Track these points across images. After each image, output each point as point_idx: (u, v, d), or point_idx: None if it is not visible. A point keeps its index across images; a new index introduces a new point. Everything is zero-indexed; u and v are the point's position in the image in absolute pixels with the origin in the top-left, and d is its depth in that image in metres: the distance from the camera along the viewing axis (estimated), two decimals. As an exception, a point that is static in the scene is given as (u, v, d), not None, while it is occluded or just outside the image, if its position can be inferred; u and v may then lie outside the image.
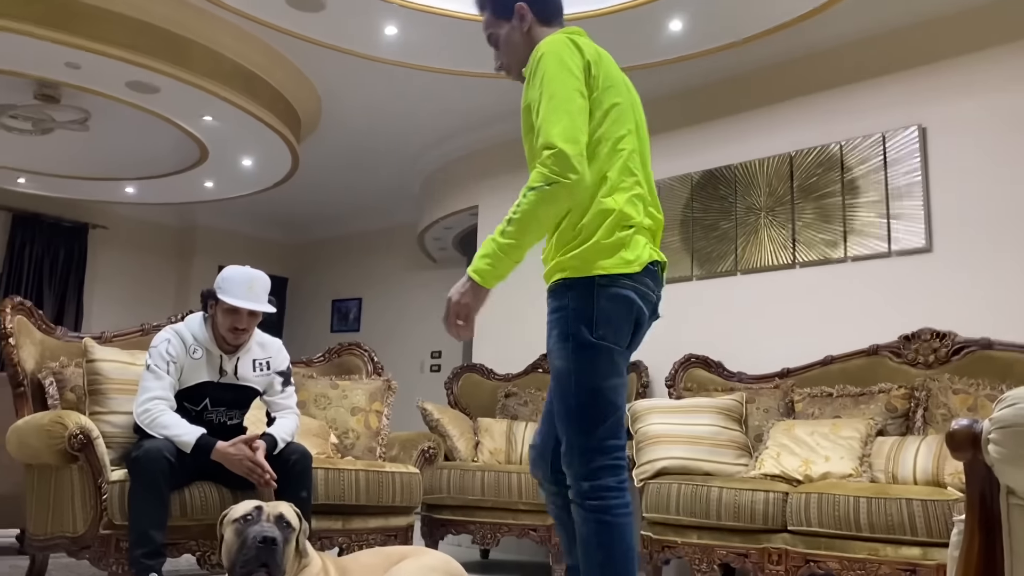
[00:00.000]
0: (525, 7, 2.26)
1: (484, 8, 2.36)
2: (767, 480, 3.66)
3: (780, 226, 4.76)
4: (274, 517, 2.34)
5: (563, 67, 1.99)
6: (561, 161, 1.89)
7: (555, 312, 2.04)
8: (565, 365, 1.98)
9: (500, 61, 2.35)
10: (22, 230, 8.24)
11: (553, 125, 1.91)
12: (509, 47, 2.29)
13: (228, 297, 3.05)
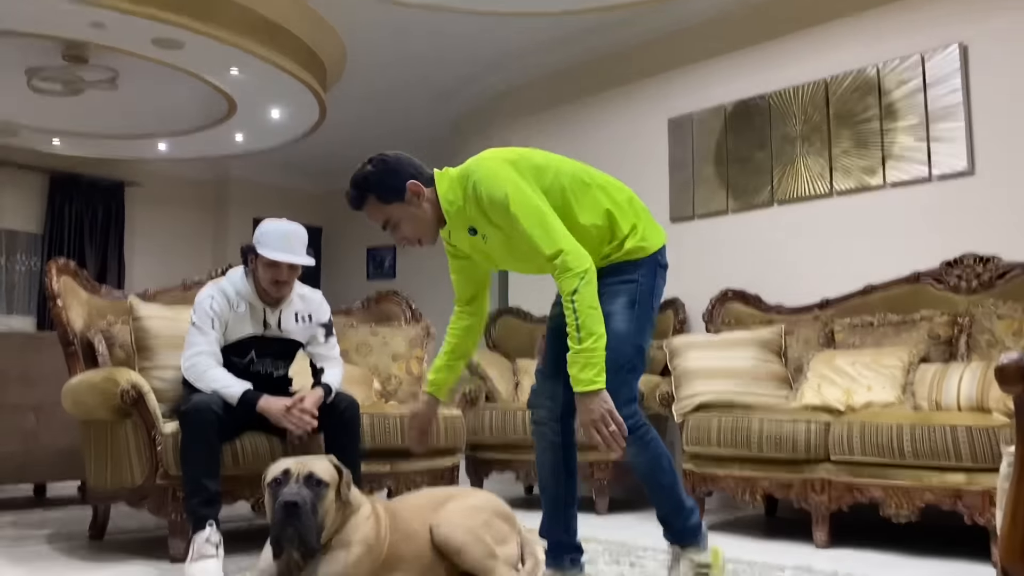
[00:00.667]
0: (416, 184, 2.27)
1: (363, 201, 2.32)
2: (809, 411, 3.66)
3: (816, 155, 4.66)
4: (303, 477, 2.31)
5: (517, 189, 2.14)
6: (571, 259, 2.10)
7: (625, 283, 2.28)
8: (627, 327, 2.25)
9: (407, 237, 2.35)
10: (60, 191, 8.36)
11: (544, 240, 2.12)
12: (416, 223, 2.31)
13: (267, 251, 3.08)
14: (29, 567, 3.02)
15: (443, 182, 2.28)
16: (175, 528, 3.06)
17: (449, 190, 2.26)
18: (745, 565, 3.03)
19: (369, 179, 2.27)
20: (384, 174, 2.27)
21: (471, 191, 2.19)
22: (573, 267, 2.10)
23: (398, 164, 2.28)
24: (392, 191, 2.25)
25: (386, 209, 2.27)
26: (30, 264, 8.29)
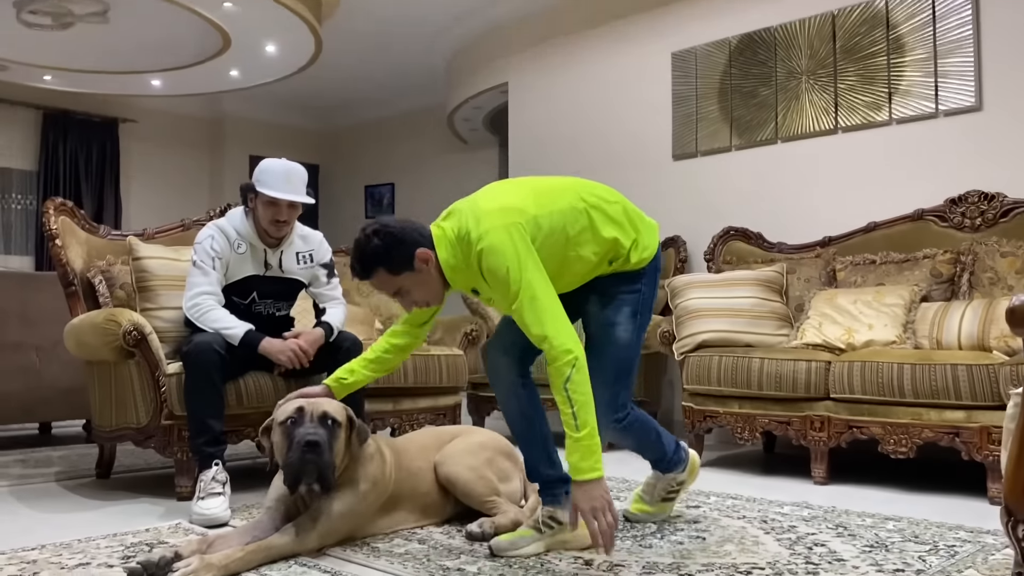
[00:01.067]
0: (426, 251, 2.21)
1: (372, 275, 2.24)
2: (809, 350, 3.68)
3: (822, 90, 4.59)
4: (317, 417, 2.33)
5: (518, 266, 2.11)
6: (560, 347, 2.08)
7: (630, 293, 2.37)
8: (628, 336, 2.35)
9: (417, 302, 2.31)
10: (53, 128, 8.25)
11: (535, 323, 2.10)
12: (426, 288, 2.27)
13: (267, 189, 3.04)
14: (38, 504, 3.06)
15: (442, 247, 2.23)
16: (181, 467, 3.09)
17: (450, 255, 2.23)
18: (744, 501, 3.07)
19: (379, 254, 2.19)
20: (392, 247, 2.19)
21: (475, 262, 2.17)
22: (561, 357, 2.08)
23: (403, 234, 2.20)
24: (402, 262, 2.20)
25: (396, 280, 2.22)
26: (26, 203, 8.23)
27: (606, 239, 2.33)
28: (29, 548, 2.38)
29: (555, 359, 2.09)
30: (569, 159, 5.76)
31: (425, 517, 2.66)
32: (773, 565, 2.22)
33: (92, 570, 2.16)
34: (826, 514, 2.85)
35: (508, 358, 2.46)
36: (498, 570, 2.17)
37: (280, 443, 2.35)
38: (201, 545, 2.21)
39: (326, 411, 2.35)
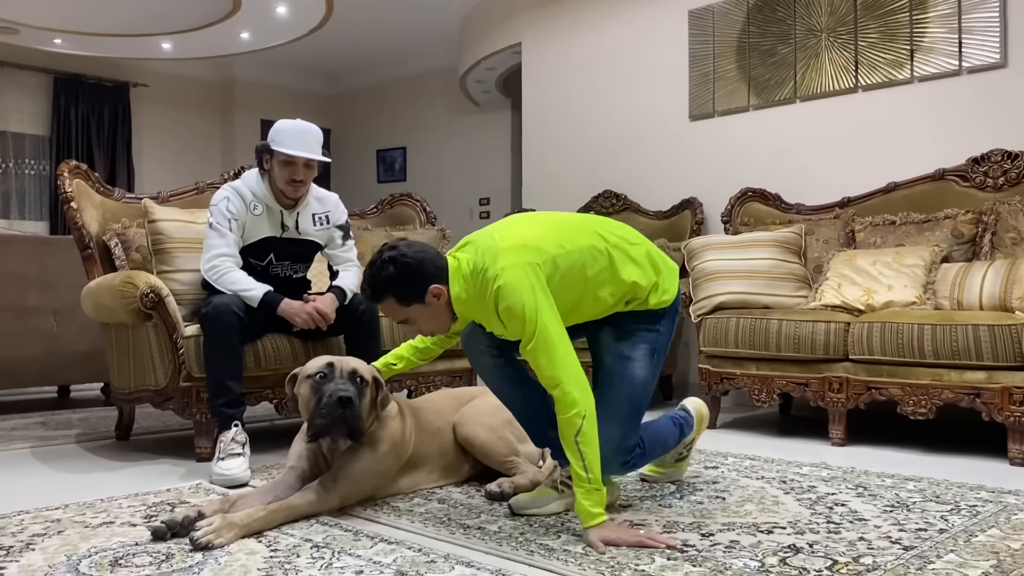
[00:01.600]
0: (439, 288, 2.17)
1: (381, 301, 2.21)
2: (828, 311, 3.65)
3: (842, 48, 4.51)
4: (347, 373, 2.35)
5: (535, 307, 2.07)
6: (571, 395, 2.05)
7: (649, 331, 2.31)
8: (644, 375, 2.28)
9: (423, 331, 2.32)
10: (65, 92, 8.22)
11: (548, 367, 2.07)
12: (434, 321, 2.25)
13: (283, 148, 3.02)
14: (60, 465, 3.09)
15: (456, 281, 2.18)
16: (200, 428, 3.11)
17: (462, 290, 2.18)
18: (762, 462, 3.07)
19: (391, 282, 2.16)
20: (406, 279, 2.15)
21: (491, 300, 2.12)
22: (571, 408, 2.04)
23: (420, 267, 2.15)
24: (413, 295, 2.17)
25: (405, 310, 2.20)
26: (39, 168, 8.23)
27: (625, 281, 2.25)
28: (53, 507, 2.41)
29: (566, 409, 2.05)
30: (584, 120, 5.70)
31: (444, 477, 2.67)
32: (794, 524, 2.21)
33: (116, 529, 2.18)
34: (845, 474, 2.84)
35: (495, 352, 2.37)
36: (519, 528, 2.17)
37: (308, 396, 2.36)
38: (224, 505, 2.22)
39: (355, 368, 2.38)
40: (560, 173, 5.83)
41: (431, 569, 1.85)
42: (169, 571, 1.84)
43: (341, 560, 1.92)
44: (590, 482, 2.04)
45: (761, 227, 4.40)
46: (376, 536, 2.11)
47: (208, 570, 1.84)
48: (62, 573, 1.83)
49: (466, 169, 8.69)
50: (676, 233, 4.87)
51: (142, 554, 1.96)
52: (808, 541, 2.06)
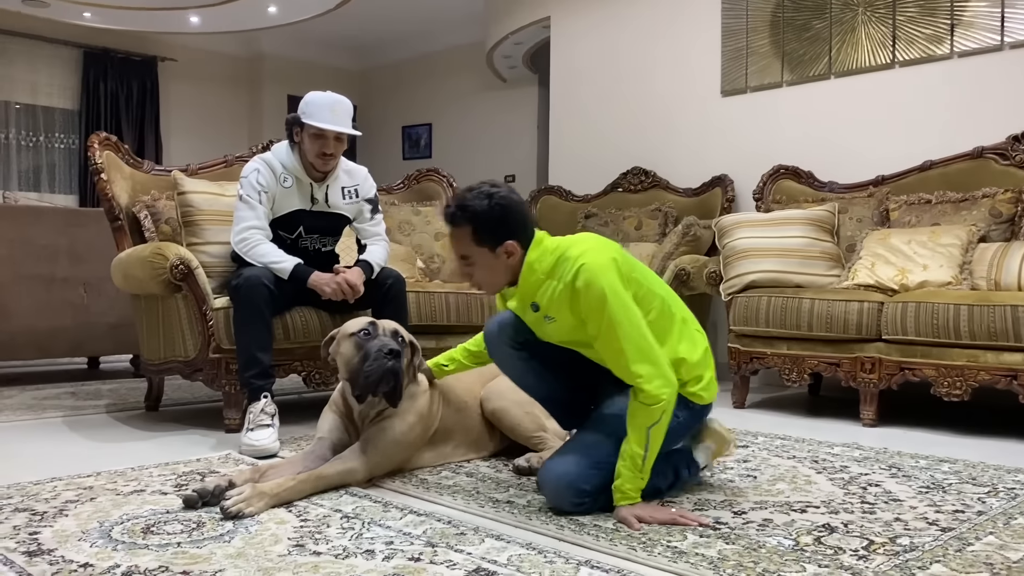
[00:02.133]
0: (515, 246, 2.10)
1: (458, 226, 2.11)
2: (861, 290, 3.59)
3: (879, 22, 4.41)
4: (390, 332, 2.38)
5: (615, 293, 2.02)
6: (653, 394, 1.99)
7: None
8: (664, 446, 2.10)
9: (475, 280, 2.19)
10: (94, 67, 8.25)
11: (635, 354, 2.00)
12: (492, 274, 2.15)
13: (313, 120, 3.00)
14: (91, 434, 3.11)
15: (536, 249, 2.12)
16: (229, 399, 3.12)
17: (538, 260, 2.11)
18: (793, 441, 3.04)
19: (478, 214, 2.08)
20: (496, 220, 2.08)
21: (568, 275, 2.04)
22: (655, 402, 1.99)
23: (511, 216, 2.09)
24: (490, 238, 2.09)
25: (472, 248, 2.11)
26: (68, 142, 8.29)
27: (675, 351, 2.13)
28: (85, 475, 2.42)
29: (648, 401, 1.98)
30: (613, 95, 5.63)
31: (471, 451, 2.66)
32: (828, 504, 2.18)
33: (147, 497, 2.19)
34: (878, 455, 2.80)
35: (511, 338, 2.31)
36: (548, 503, 2.16)
37: (351, 354, 2.35)
38: (254, 474, 2.23)
39: (396, 328, 2.41)
40: (588, 149, 5.77)
41: (461, 541, 1.84)
42: (200, 539, 1.84)
43: (371, 531, 1.91)
44: (641, 469, 2.01)
45: (793, 205, 4.33)
46: (405, 508, 2.10)
47: (239, 539, 1.85)
48: (95, 539, 1.84)
49: (492, 146, 8.64)
50: (706, 211, 4.81)
51: (173, 522, 1.97)
52: (843, 521, 2.03)
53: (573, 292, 2.04)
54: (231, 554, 1.75)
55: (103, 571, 1.64)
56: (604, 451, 2.07)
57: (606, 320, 2.01)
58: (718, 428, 2.36)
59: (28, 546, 1.79)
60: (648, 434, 2.00)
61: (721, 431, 2.36)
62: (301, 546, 1.80)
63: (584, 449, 2.09)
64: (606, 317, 2.00)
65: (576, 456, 2.08)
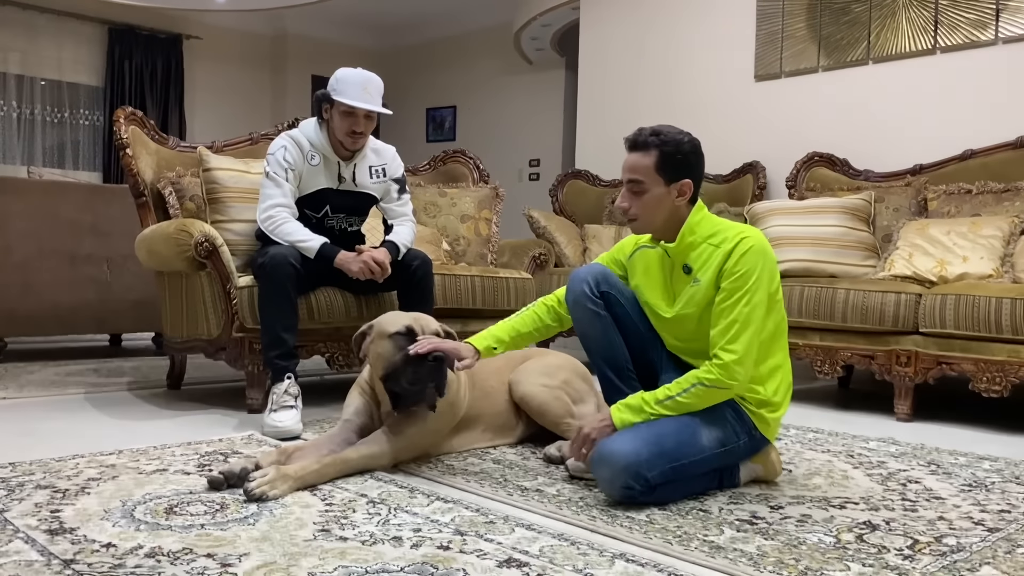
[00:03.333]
0: (691, 185, 2.12)
1: (645, 151, 2.10)
2: (898, 281, 3.50)
3: (920, 7, 4.29)
4: (430, 332, 2.28)
5: (760, 285, 2.03)
6: (730, 371, 2.00)
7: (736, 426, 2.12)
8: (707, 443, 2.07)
9: (633, 211, 2.14)
10: (119, 44, 8.24)
11: (736, 339, 2.01)
12: (654, 210, 2.12)
13: (344, 98, 2.93)
14: (113, 411, 3.09)
15: (699, 213, 2.14)
16: (252, 379, 3.08)
17: (699, 224, 2.12)
18: (826, 435, 2.96)
19: (670, 143, 2.08)
20: (684, 155, 2.10)
21: (729, 245, 2.05)
22: (725, 382, 2.01)
23: (698, 161, 2.13)
24: (673, 171, 2.09)
25: (650, 174, 2.09)
26: (93, 119, 8.28)
27: (773, 359, 2.12)
28: (107, 452, 2.39)
29: (720, 376, 2.00)
30: (644, 78, 5.53)
31: (498, 437, 2.60)
32: (867, 500, 2.11)
33: (169, 476, 2.15)
34: (915, 451, 2.72)
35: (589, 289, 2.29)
36: (578, 492, 2.10)
37: (391, 353, 2.26)
38: (280, 456, 2.18)
39: (437, 329, 2.33)
40: (617, 133, 5.62)
41: (490, 530, 1.79)
42: (224, 521, 1.80)
43: (398, 517, 1.86)
44: (652, 406, 2.02)
45: (828, 193, 4.24)
46: (432, 494, 2.05)
47: (263, 522, 1.80)
48: (117, 518, 1.80)
49: (517, 129, 8.56)
50: (737, 197, 4.72)
51: (196, 503, 1.93)
52: (884, 518, 1.96)
53: (726, 260, 2.05)
54: (256, 537, 1.70)
55: (126, 552, 1.60)
56: (674, 441, 2.01)
57: (740, 294, 2.02)
58: (773, 457, 2.27)
59: (50, 524, 1.75)
60: (692, 391, 2.01)
61: (774, 460, 2.27)
62: (327, 531, 1.76)
63: (654, 436, 2.01)
64: (742, 292, 2.02)
65: (644, 440, 1.99)
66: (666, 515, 1.93)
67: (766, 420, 2.14)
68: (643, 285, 2.27)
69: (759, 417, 2.13)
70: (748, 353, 2.02)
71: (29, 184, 4.61)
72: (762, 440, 2.18)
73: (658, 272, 2.22)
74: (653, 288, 2.24)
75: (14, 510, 1.84)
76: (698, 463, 2.05)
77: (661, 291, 2.22)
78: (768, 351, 2.11)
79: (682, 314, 2.17)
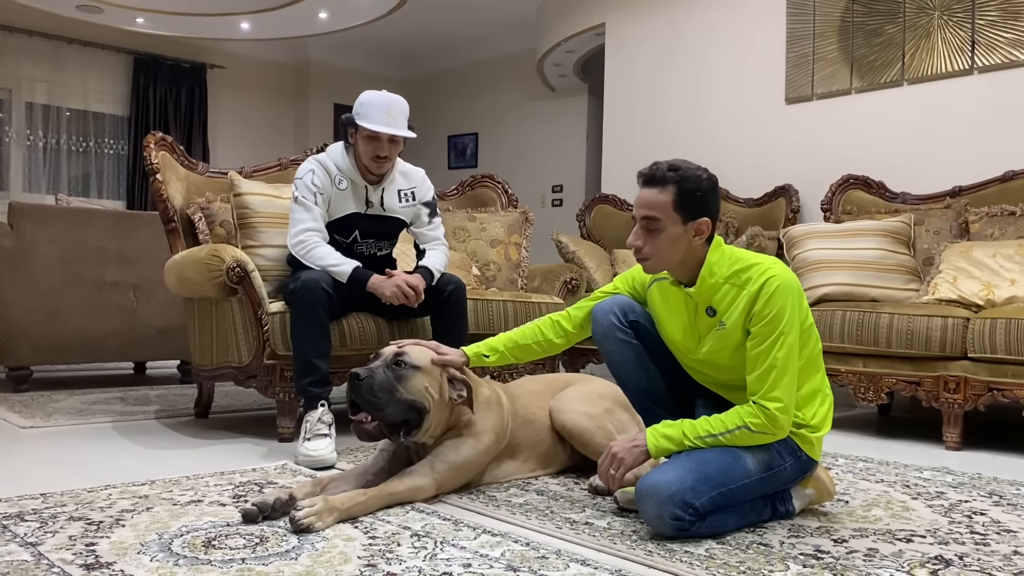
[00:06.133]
0: (709, 224, 2.04)
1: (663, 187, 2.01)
2: (943, 305, 3.40)
3: (957, 26, 4.22)
4: (389, 356, 2.21)
5: (793, 325, 1.96)
6: (777, 421, 1.94)
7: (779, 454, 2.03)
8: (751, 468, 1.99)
9: (649, 250, 2.03)
10: (144, 73, 8.29)
11: (780, 390, 1.94)
12: (669, 250, 2.02)
13: (367, 122, 2.87)
14: (142, 440, 3.02)
15: (716, 251, 2.05)
16: (283, 407, 3.01)
17: (718, 263, 2.04)
18: (877, 464, 2.85)
19: (689, 180, 2.00)
20: (703, 193, 2.01)
21: (754, 287, 1.97)
22: (773, 430, 1.94)
23: (715, 199, 2.06)
24: (691, 209, 2.00)
25: (667, 211, 2.00)
26: (118, 148, 8.32)
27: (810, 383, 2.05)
28: (139, 483, 2.32)
29: (765, 425, 1.93)
30: (670, 102, 5.49)
31: (540, 467, 2.52)
32: (934, 533, 2.01)
33: (204, 508, 2.08)
34: (972, 480, 2.61)
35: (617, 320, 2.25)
36: (630, 525, 2.01)
37: None
38: (315, 487, 2.11)
39: (404, 353, 2.22)
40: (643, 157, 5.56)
41: (544, 566, 1.70)
42: (265, 555, 1.73)
43: (445, 551, 1.78)
44: (692, 440, 1.94)
45: (865, 216, 4.15)
46: (478, 527, 1.97)
47: (305, 556, 1.72)
48: (154, 552, 1.73)
49: (539, 156, 8.53)
50: (769, 221, 4.64)
51: (235, 536, 1.85)
52: (956, 553, 1.86)
53: (752, 302, 1.97)
54: (299, 572, 1.62)
55: (165, 589, 1.53)
56: (717, 467, 1.93)
57: (774, 338, 1.94)
58: (824, 477, 2.19)
59: (85, 558, 1.68)
60: (735, 433, 1.93)
61: (825, 481, 2.19)
62: (373, 566, 1.68)
63: (696, 463, 1.93)
64: (776, 335, 1.94)
65: (687, 468, 1.92)
66: (725, 549, 1.84)
67: (809, 440, 2.06)
68: (665, 321, 2.19)
69: (801, 437, 2.05)
70: (791, 398, 1.95)
71: (56, 211, 4.59)
72: (808, 461, 2.09)
73: (681, 310, 2.14)
74: (676, 326, 2.16)
75: (48, 543, 1.77)
76: (745, 488, 1.97)
77: (685, 330, 2.14)
78: (805, 377, 2.04)
79: (711, 358, 2.10)
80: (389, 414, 2.16)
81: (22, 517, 1.96)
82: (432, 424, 2.22)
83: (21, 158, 7.80)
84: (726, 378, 2.11)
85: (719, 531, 1.93)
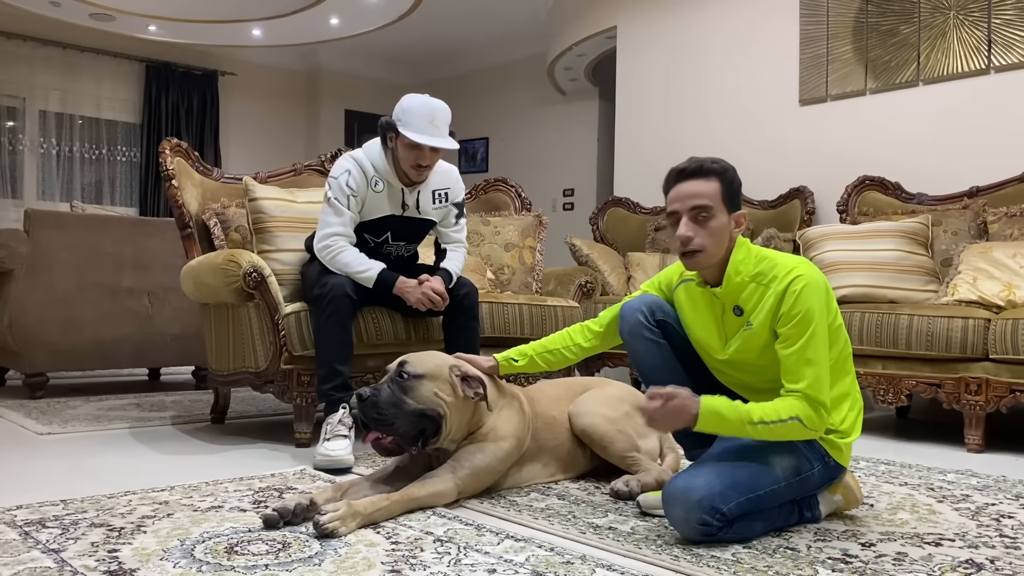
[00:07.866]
0: (746, 217, 2.07)
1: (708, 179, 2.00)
2: (963, 306, 3.37)
3: (973, 26, 4.19)
4: (393, 369, 2.20)
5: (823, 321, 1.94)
6: (821, 420, 1.92)
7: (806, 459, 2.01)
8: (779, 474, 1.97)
9: (696, 241, 1.98)
10: (156, 80, 8.32)
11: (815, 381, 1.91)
12: (720, 240, 2.00)
13: (409, 131, 2.82)
14: (159, 446, 3.02)
15: (740, 250, 2.03)
16: (300, 412, 3.00)
17: (743, 262, 2.01)
18: (899, 467, 2.82)
19: (730, 171, 2.02)
20: (738, 187, 2.03)
21: (780, 285, 1.94)
22: (817, 425, 1.91)
23: (741, 195, 2.07)
24: (733, 200, 2.01)
25: (718, 202, 1.98)
26: (130, 155, 8.35)
27: (839, 386, 2.02)
28: (159, 488, 2.32)
29: (815, 422, 1.90)
30: (682, 106, 5.47)
31: (560, 472, 2.50)
32: (962, 537, 1.98)
33: (225, 513, 2.07)
34: (998, 483, 2.58)
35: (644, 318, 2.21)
36: (654, 530, 1.99)
37: None
38: (335, 493, 2.10)
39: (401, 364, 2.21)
40: (655, 161, 5.58)
41: (570, 571, 1.69)
42: (288, 561, 1.71)
43: (469, 556, 1.76)
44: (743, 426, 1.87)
45: (882, 217, 4.12)
46: (500, 532, 1.95)
47: (329, 561, 1.71)
48: (177, 558, 1.72)
49: (550, 160, 8.52)
50: (784, 223, 4.61)
51: (257, 541, 1.84)
52: (987, 556, 1.83)
53: (780, 301, 1.94)
54: (324, 579, 1.61)
55: (190, 595, 1.52)
56: (746, 472, 1.91)
57: (806, 339, 1.91)
58: (852, 483, 2.16)
59: (108, 565, 1.67)
60: (778, 426, 1.88)
61: (853, 487, 2.16)
62: (397, 572, 1.66)
63: (726, 467, 1.92)
64: (808, 336, 1.91)
65: (717, 473, 1.90)
66: (752, 554, 1.82)
67: (837, 446, 2.03)
68: (692, 322, 2.17)
69: (829, 443, 2.02)
70: (828, 396, 1.93)
71: (71, 218, 4.60)
72: (837, 467, 2.06)
73: (707, 311, 2.12)
74: (703, 327, 2.14)
75: (70, 550, 1.76)
76: (774, 493, 1.95)
77: (712, 331, 2.12)
78: (833, 379, 2.00)
79: (737, 358, 2.08)
80: (401, 428, 2.14)
81: (44, 524, 1.95)
82: (452, 427, 2.21)
83: (35, 166, 7.83)
84: (751, 379, 2.09)
85: (746, 537, 1.91)
